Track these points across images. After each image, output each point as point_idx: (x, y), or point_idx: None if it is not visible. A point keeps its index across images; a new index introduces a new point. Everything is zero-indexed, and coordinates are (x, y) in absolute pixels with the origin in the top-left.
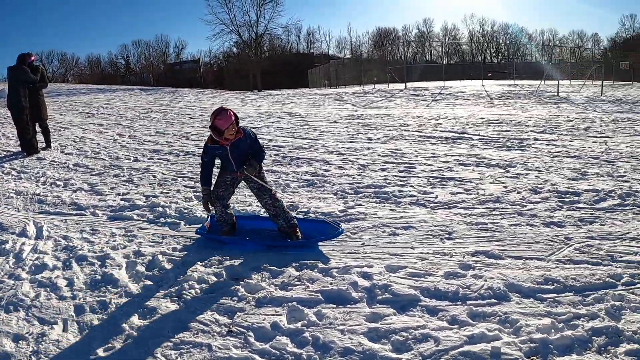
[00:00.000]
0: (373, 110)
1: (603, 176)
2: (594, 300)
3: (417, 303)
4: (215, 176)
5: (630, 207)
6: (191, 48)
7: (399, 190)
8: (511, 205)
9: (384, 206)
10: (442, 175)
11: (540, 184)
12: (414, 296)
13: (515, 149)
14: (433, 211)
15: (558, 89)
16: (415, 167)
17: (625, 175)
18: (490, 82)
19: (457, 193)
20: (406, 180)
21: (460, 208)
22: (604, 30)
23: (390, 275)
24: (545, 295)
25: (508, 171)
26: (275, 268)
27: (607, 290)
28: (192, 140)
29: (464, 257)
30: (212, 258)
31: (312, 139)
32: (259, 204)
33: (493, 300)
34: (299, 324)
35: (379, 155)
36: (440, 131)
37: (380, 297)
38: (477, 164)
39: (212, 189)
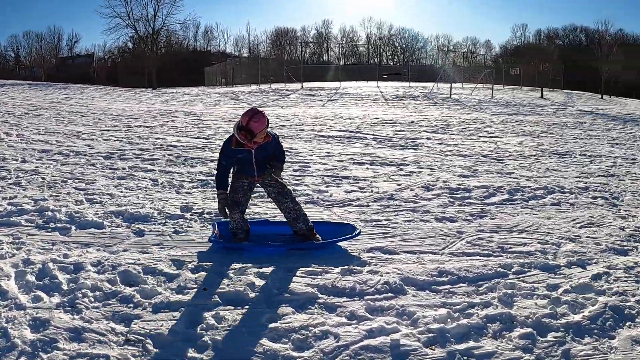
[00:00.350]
0: (269, 110)
1: (492, 173)
2: (487, 289)
3: (315, 301)
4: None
5: (519, 202)
6: (85, 42)
7: (294, 190)
8: (405, 202)
9: None
10: (337, 174)
11: (433, 181)
12: (312, 294)
13: (409, 148)
14: (328, 210)
15: (451, 92)
16: (310, 166)
17: (513, 172)
18: (385, 84)
19: (352, 191)
20: (301, 180)
21: (355, 206)
22: (497, 37)
23: (287, 275)
24: (440, 287)
25: (401, 169)
26: (171, 271)
27: (499, 280)
28: (84, 140)
29: (359, 253)
30: (105, 263)
31: (206, 139)
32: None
33: (390, 294)
34: (197, 328)
35: None
36: (335, 131)
37: (278, 297)
38: (371, 162)
39: (228, 193)
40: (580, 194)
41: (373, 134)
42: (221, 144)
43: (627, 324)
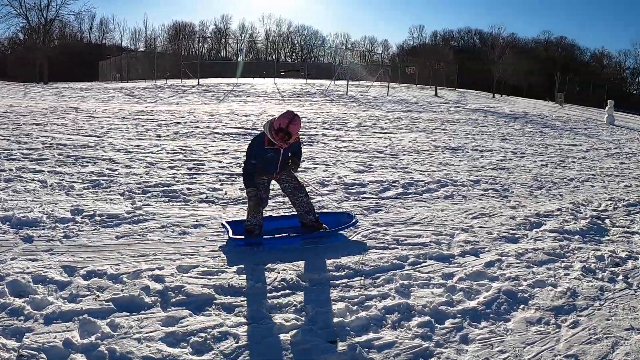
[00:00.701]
0: (164, 106)
1: (387, 168)
2: (384, 281)
3: (212, 301)
4: None
5: (412, 195)
6: None
7: (187, 188)
8: None
9: (173, 205)
10: (232, 171)
11: (328, 177)
12: (209, 295)
13: (304, 145)
14: (223, 208)
15: (347, 89)
16: (204, 164)
17: (407, 167)
18: (283, 81)
19: None
20: (195, 178)
21: None
22: (394, 37)
23: (182, 276)
24: (337, 282)
25: None
26: (62, 279)
27: (395, 271)
28: None
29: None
30: None
31: (99, 137)
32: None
33: (288, 291)
34: (92, 338)
35: (168, 152)
36: (231, 128)
37: (174, 300)
38: None
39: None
40: (472, 187)
41: None
42: (250, 142)
43: (521, 306)
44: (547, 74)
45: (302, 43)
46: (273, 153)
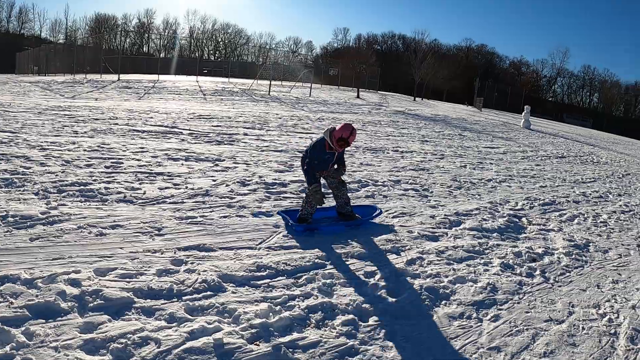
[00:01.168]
0: (82, 102)
1: None
2: (306, 280)
3: (132, 305)
4: None
5: None
6: None
7: (105, 187)
8: (220, 197)
9: (90, 205)
10: (151, 170)
11: (249, 176)
12: (128, 298)
13: (225, 144)
14: (141, 207)
15: (270, 89)
16: (122, 163)
17: None
18: (205, 79)
19: (166, 188)
20: (113, 177)
21: (170, 203)
22: (319, 39)
23: (100, 279)
24: (259, 282)
25: (217, 165)
26: None
27: (317, 271)
28: None
29: (175, 252)
30: None
31: (12, 132)
32: None
33: (209, 292)
34: (7, 348)
35: (85, 150)
36: (151, 125)
37: (92, 305)
38: (187, 158)
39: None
40: (393, 187)
41: (189, 129)
42: (311, 145)
43: (443, 302)
44: (467, 80)
45: (227, 41)
46: (329, 156)
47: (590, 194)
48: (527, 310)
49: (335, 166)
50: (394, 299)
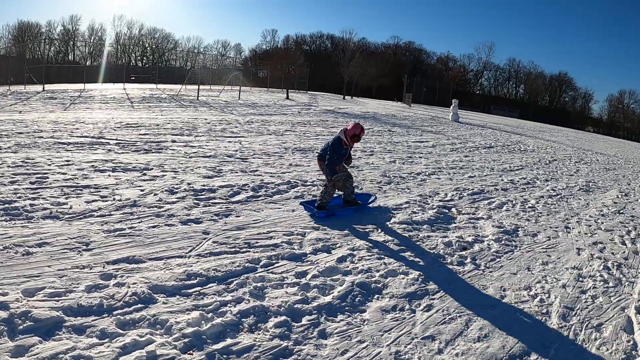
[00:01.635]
0: (5, 116)
1: (237, 172)
2: (237, 285)
3: (62, 324)
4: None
5: (263, 198)
6: None
7: (30, 204)
8: (148, 207)
9: (15, 224)
10: (77, 183)
11: (177, 184)
12: (58, 317)
13: (153, 152)
14: (68, 223)
15: (198, 93)
16: (48, 177)
17: (257, 170)
18: (133, 86)
19: (93, 201)
20: (38, 192)
21: (97, 216)
22: (247, 41)
23: (28, 300)
24: (190, 290)
25: (145, 174)
26: None
27: (248, 275)
28: None
29: (104, 267)
30: None
31: None
32: None
33: (140, 305)
34: None
35: (9, 166)
36: (77, 137)
37: (21, 327)
38: (114, 169)
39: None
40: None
41: (116, 139)
42: (330, 145)
43: (375, 296)
44: (396, 77)
45: (154, 46)
46: (345, 150)
47: (518, 181)
48: (459, 297)
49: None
50: (326, 297)
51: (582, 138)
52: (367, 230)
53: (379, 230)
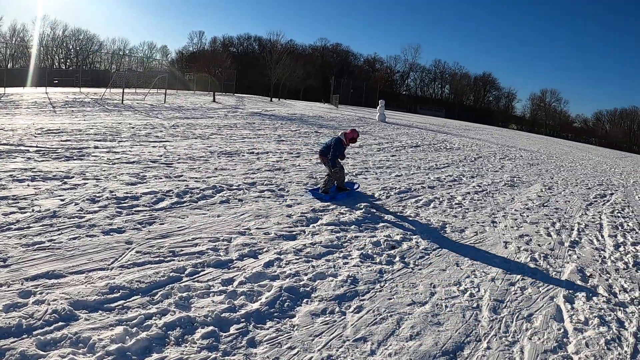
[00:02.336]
0: None
1: (161, 178)
2: (162, 297)
3: None
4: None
5: (188, 203)
6: None
7: None
8: (69, 218)
9: None
10: None
11: (99, 192)
12: None
13: (75, 159)
14: None
15: (123, 97)
16: None
17: (182, 175)
18: (55, 90)
19: (11, 213)
20: None
21: (15, 230)
22: (174, 43)
23: None
24: (113, 305)
25: (66, 183)
26: None
27: (173, 285)
28: None
29: (22, 283)
30: None
31: None
32: None
33: (61, 323)
34: None
35: None
36: None
37: None
38: (33, 178)
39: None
40: (248, 190)
41: (37, 146)
42: (332, 144)
43: (304, 301)
44: (323, 78)
45: (78, 48)
46: (344, 149)
47: (445, 179)
48: (389, 297)
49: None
50: (254, 304)
51: (506, 135)
52: (294, 233)
53: (306, 232)
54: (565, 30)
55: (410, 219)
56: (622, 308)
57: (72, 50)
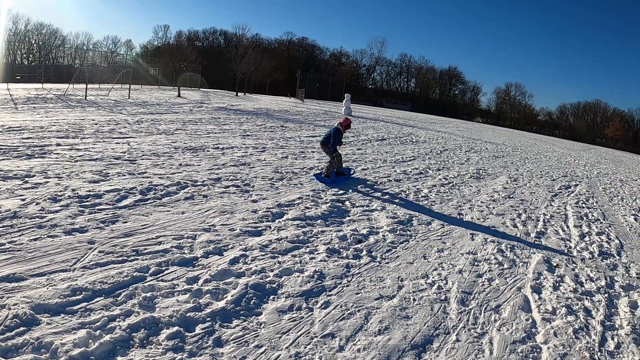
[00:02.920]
0: None
1: (124, 175)
2: (125, 297)
3: None
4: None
5: (152, 201)
6: None
7: None
8: (30, 218)
9: None
10: None
11: (61, 191)
12: None
13: (36, 157)
14: None
15: (86, 93)
16: None
17: (146, 172)
18: (17, 86)
19: None
20: None
21: None
22: (138, 37)
23: None
24: (75, 307)
25: (27, 182)
26: None
27: (137, 285)
28: None
29: None
30: None
31: None
32: None
33: (22, 328)
34: None
35: None
36: None
37: None
38: None
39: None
40: (213, 185)
41: None
42: (333, 132)
43: (271, 297)
44: (289, 72)
45: (41, 43)
46: (341, 136)
47: (411, 172)
48: (357, 291)
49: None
50: (219, 303)
51: (472, 128)
52: (259, 228)
53: (272, 228)
54: (529, 24)
55: (377, 212)
56: (589, 297)
57: (34, 45)
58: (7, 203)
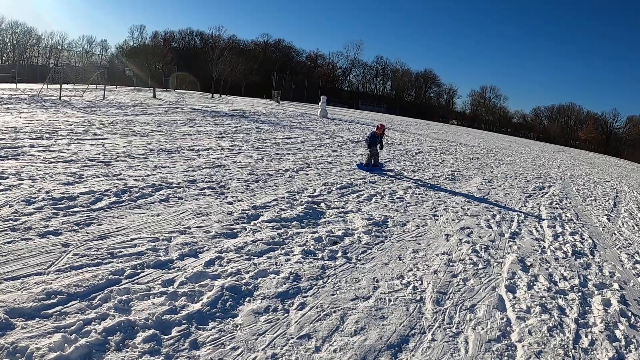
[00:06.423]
0: None
1: (99, 177)
2: (101, 301)
3: None
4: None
5: (127, 203)
6: None
7: None
8: (3, 221)
9: None
10: None
11: (35, 193)
12: None
13: (9, 159)
14: None
15: (60, 93)
16: None
17: (121, 174)
18: None
19: None
20: None
21: None
22: (114, 37)
23: None
24: (50, 311)
25: (0, 184)
26: None
27: (112, 288)
28: None
29: None
30: None
31: None
32: None
33: None
34: None
35: None
36: None
37: None
38: None
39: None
40: (188, 187)
41: None
42: (369, 135)
43: (247, 299)
44: (265, 74)
45: (15, 42)
46: (378, 138)
47: (386, 173)
48: (332, 292)
49: (379, 145)
50: (195, 305)
51: (447, 130)
52: (234, 230)
53: (247, 230)
54: (504, 27)
55: (352, 214)
56: (562, 296)
57: (8, 44)
58: None
